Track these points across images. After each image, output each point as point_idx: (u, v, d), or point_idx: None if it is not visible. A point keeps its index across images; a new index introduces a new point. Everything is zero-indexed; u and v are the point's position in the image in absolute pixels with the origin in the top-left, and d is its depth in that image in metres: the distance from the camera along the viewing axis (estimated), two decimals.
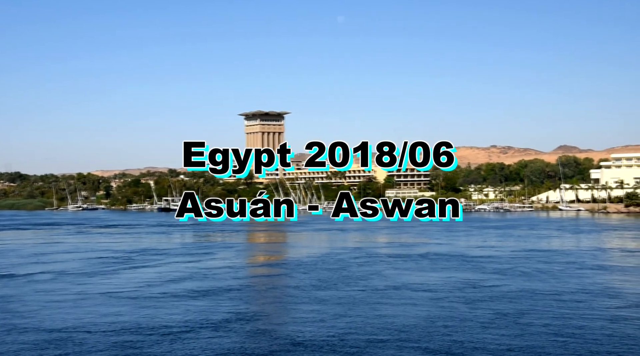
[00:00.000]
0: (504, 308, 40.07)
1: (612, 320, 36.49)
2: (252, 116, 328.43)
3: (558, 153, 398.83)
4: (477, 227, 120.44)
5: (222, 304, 43.16)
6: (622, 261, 63.22)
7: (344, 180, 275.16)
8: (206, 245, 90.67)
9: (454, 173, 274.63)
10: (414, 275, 54.77)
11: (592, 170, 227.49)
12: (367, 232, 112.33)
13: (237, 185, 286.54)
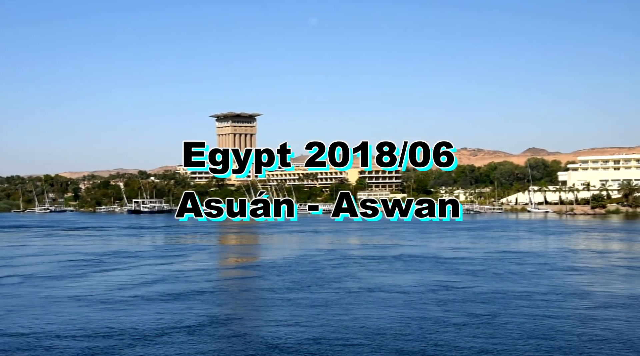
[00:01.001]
0: (477, 309, 40.41)
1: (582, 320, 37.06)
2: (223, 118, 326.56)
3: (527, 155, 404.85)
4: (450, 228, 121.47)
5: (195, 307, 42.71)
6: (591, 262, 64.32)
7: (316, 182, 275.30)
8: (178, 247, 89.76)
9: (425, 175, 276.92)
10: (387, 277, 54.94)
11: (559, 173, 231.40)
12: (341, 234, 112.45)
13: (209, 186, 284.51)
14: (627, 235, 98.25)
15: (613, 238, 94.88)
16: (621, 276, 53.81)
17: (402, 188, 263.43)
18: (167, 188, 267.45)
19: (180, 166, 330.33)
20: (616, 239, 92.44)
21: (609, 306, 40.70)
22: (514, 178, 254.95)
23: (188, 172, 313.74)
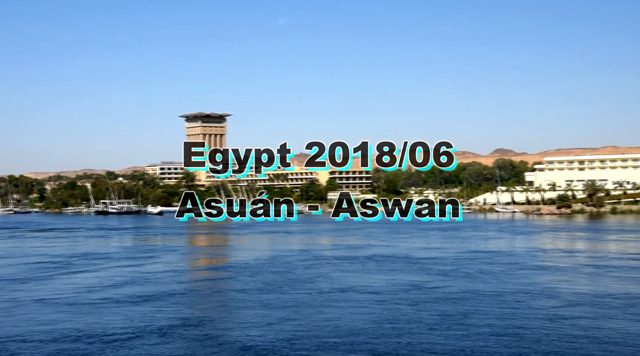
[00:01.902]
0: (448, 309, 40.71)
1: (551, 319, 37.59)
2: (193, 118, 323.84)
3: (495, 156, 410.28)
4: (422, 228, 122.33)
5: (166, 309, 42.18)
6: (559, 261, 65.36)
7: (286, 183, 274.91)
8: (148, 248, 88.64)
9: (395, 175, 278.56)
10: (360, 277, 55.04)
11: (526, 173, 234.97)
12: (314, 235, 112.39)
13: (179, 187, 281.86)
14: (592, 235, 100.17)
15: (579, 237, 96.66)
16: (587, 275, 54.81)
17: (372, 189, 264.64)
18: (135, 189, 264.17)
19: (149, 166, 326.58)
20: (582, 239, 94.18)
21: (576, 305, 41.39)
22: (483, 179, 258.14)
23: (157, 173, 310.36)
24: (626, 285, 48.55)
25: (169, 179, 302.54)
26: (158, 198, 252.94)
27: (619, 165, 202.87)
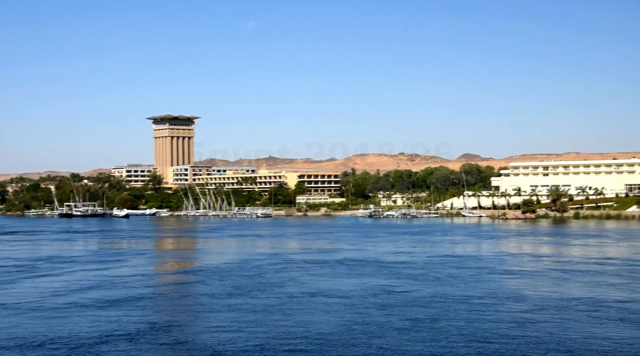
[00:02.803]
0: (418, 313, 40.97)
1: (519, 323, 38.12)
2: (160, 120, 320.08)
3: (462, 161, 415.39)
4: (393, 232, 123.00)
5: (133, 314, 41.60)
6: (526, 265, 66.25)
7: (254, 186, 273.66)
8: (115, 252, 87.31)
9: (364, 179, 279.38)
10: (330, 281, 55.04)
11: (492, 178, 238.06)
12: (284, 238, 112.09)
13: (145, 190, 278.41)
14: (557, 239, 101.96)
15: (545, 242, 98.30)
16: (553, 279, 55.71)
17: (340, 193, 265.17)
18: (101, 191, 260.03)
19: (115, 169, 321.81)
20: (547, 243, 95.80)
21: (543, 309, 42.04)
22: (450, 183, 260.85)
23: (124, 175, 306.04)
24: (590, 289, 49.51)
25: (136, 182, 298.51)
26: (124, 201, 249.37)
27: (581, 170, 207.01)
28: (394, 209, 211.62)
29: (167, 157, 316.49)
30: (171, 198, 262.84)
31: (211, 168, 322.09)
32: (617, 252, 78.99)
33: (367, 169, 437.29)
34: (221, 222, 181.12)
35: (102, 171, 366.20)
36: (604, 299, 45.13)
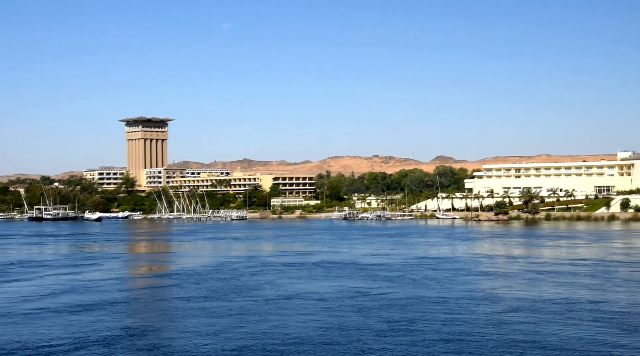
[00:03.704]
0: (395, 315, 41.09)
1: (495, 324, 38.45)
2: (133, 122, 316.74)
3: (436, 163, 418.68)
4: (370, 235, 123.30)
5: (107, 318, 41.02)
6: (501, 267, 66.86)
7: (229, 189, 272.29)
8: (88, 255, 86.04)
9: (338, 182, 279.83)
10: (307, 284, 54.94)
11: (466, 180, 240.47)
12: (260, 241, 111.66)
13: (118, 192, 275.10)
14: (530, 241, 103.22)
15: (519, 244, 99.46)
16: (527, 280, 56.34)
17: (315, 195, 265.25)
18: (72, 194, 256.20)
19: (87, 171, 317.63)
20: (521, 245, 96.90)
21: (517, 310, 42.47)
22: (424, 186, 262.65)
23: (96, 178, 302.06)
24: (564, 290, 50.22)
25: (108, 184, 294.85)
26: (96, 204, 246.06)
27: (552, 173, 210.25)
28: (369, 211, 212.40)
29: (141, 159, 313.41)
30: (144, 201, 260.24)
31: (185, 171, 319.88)
32: (589, 252, 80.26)
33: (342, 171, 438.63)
34: (195, 225, 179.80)
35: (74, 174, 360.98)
36: (577, 300, 45.80)
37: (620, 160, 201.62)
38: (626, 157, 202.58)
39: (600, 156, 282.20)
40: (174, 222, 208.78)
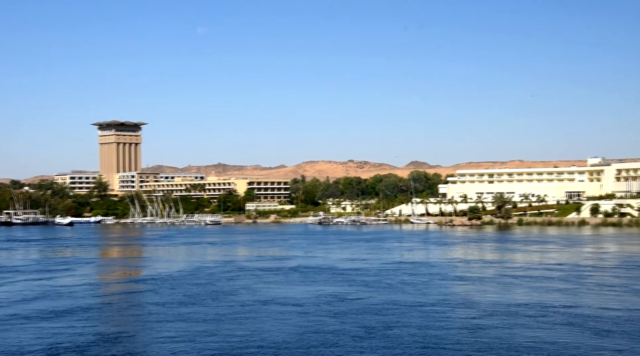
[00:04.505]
0: (372, 320, 41.14)
1: (470, 329, 38.72)
2: (106, 126, 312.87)
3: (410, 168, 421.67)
4: (347, 239, 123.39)
5: (80, 325, 40.38)
6: (476, 272, 67.20)
7: (203, 193, 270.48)
8: (60, 260, 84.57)
9: (313, 186, 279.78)
10: (283, 289, 54.75)
11: (440, 185, 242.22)
12: (236, 246, 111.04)
13: (90, 197, 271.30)
14: (508, 245, 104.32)
15: (494, 248, 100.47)
16: (503, 285, 56.84)
17: (290, 200, 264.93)
18: (43, 198, 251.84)
19: (58, 175, 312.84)
20: (497, 249, 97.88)
21: (493, 315, 42.82)
22: (398, 191, 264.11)
23: (67, 182, 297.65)
24: (538, 295, 50.79)
25: (80, 189, 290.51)
26: (68, 209, 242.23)
27: (524, 178, 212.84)
28: (344, 216, 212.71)
29: (113, 163, 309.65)
30: (117, 205, 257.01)
31: (159, 175, 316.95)
32: (562, 257, 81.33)
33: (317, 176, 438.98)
34: (169, 230, 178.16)
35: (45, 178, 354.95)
36: (551, 304, 46.35)
37: (590, 166, 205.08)
38: (596, 163, 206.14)
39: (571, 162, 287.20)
40: (147, 226, 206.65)
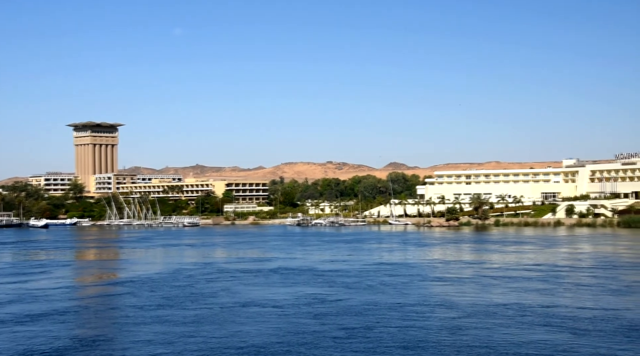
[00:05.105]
0: (352, 322, 41.14)
1: (450, 329, 38.94)
2: (82, 127, 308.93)
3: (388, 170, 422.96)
4: (327, 241, 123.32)
5: (57, 329, 39.79)
6: (456, 273, 67.59)
7: (181, 195, 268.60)
8: (36, 263, 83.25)
9: (292, 188, 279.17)
10: (263, 291, 54.52)
11: (418, 187, 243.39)
12: (215, 247, 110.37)
13: (66, 199, 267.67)
14: (487, 246, 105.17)
15: (473, 249, 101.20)
16: (482, 285, 57.28)
17: (269, 201, 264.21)
18: (17, 200, 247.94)
19: (33, 177, 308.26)
20: (476, 250, 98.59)
21: (472, 315, 43.10)
22: (377, 192, 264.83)
23: (42, 184, 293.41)
24: (516, 295, 51.27)
25: (55, 190, 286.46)
26: (42, 211, 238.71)
27: (501, 179, 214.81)
28: (322, 217, 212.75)
29: (89, 165, 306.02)
30: (93, 207, 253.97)
31: (136, 177, 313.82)
32: (539, 258, 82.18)
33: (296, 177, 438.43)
34: (147, 232, 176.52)
35: (19, 179, 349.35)
36: (530, 304, 46.79)
37: (565, 168, 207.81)
38: (571, 165, 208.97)
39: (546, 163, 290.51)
40: (124, 228, 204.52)
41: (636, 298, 49.60)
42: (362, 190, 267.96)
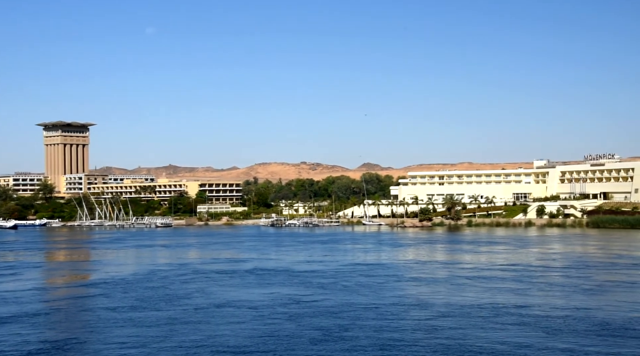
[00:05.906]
0: (328, 323, 41.07)
1: (426, 330, 39.11)
2: (52, 127, 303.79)
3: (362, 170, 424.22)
4: (304, 241, 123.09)
5: (26, 332, 39.01)
6: (431, 273, 67.97)
7: (154, 195, 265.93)
8: (6, 265, 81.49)
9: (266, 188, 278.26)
10: (239, 292, 54.17)
11: (391, 187, 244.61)
12: (189, 248, 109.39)
13: (35, 199, 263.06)
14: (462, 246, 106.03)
15: (447, 250, 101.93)
16: (456, 286, 57.67)
17: (243, 202, 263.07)
18: None
19: (1, 177, 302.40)
20: (449, 251, 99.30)
21: (448, 316, 43.35)
22: (351, 192, 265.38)
23: (11, 184, 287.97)
24: (490, 295, 51.74)
25: (24, 191, 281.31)
26: (11, 211, 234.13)
27: (474, 180, 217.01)
28: (296, 218, 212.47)
29: (60, 165, 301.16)
30: (64, 208, 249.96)
31: (107, 177, 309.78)
32: (512, 258, 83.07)
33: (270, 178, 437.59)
34: (119, 232, 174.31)
35: None
36: (504, 304, 47.23)
37: (536, 169, 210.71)
38: (541, 166, 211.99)
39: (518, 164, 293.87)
40: (95, 229, 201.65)
41: (607, 298, 50.45)
42: (336, 190, 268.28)
